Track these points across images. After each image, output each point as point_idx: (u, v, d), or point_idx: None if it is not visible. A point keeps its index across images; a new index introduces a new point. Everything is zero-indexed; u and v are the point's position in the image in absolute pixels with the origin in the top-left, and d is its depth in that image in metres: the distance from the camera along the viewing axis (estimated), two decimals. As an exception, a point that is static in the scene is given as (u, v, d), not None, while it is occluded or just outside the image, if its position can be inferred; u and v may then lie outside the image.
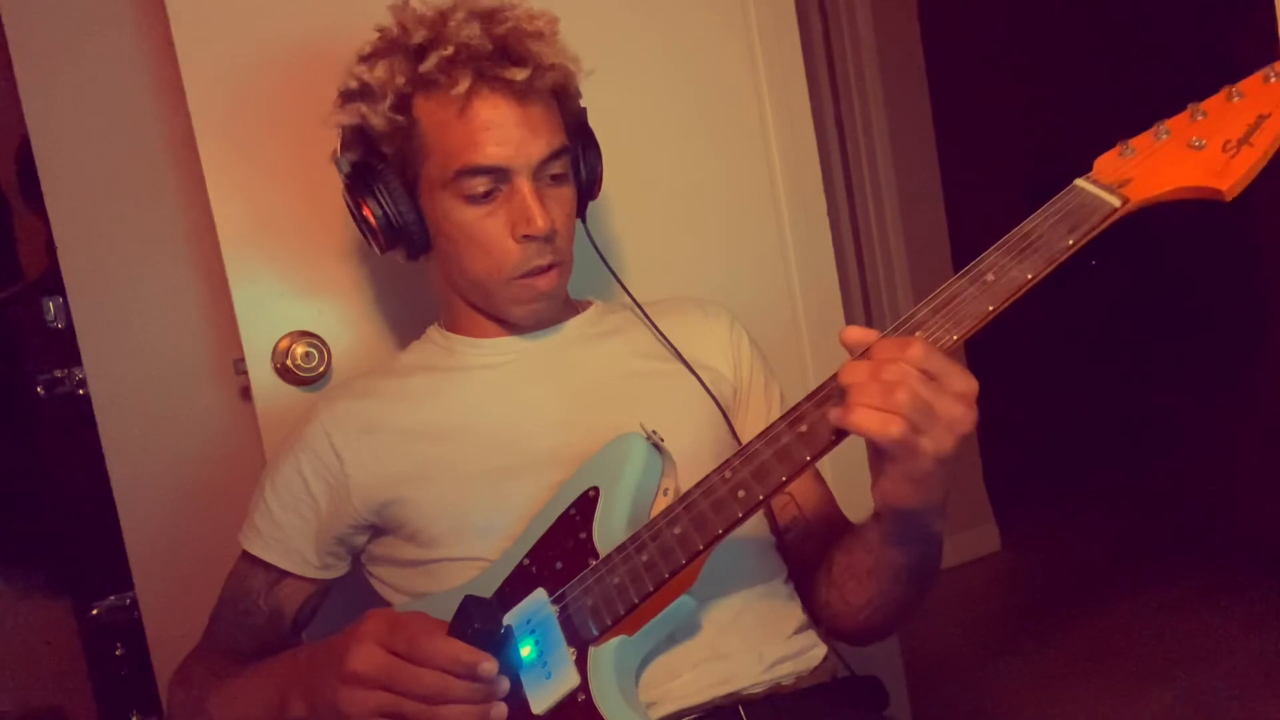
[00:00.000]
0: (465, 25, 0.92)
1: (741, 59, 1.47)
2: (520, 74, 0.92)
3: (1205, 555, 2.62)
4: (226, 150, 1.20)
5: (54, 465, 1.62)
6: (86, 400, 1.32)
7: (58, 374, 1.41)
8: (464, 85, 0.91)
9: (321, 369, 1.23)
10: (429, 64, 0.92)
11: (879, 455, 0.74)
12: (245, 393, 1.27)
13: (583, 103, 1.06)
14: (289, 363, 1.22)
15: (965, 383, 0.72)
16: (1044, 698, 2.09)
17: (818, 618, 0.98)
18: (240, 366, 1.24)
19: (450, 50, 0.91)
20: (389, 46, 0.96)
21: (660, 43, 1.42)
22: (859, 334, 0.76)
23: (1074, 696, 2.08)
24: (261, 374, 1.22)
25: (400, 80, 0.93)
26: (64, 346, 1.35)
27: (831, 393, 0.76)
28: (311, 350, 1.23)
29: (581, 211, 1.07)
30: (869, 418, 0.71)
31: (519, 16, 0.95)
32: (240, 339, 1.22)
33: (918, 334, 0.75)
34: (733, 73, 1.46)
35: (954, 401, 0.71)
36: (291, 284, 1.25)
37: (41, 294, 1.41)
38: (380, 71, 0.94)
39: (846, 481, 1.20)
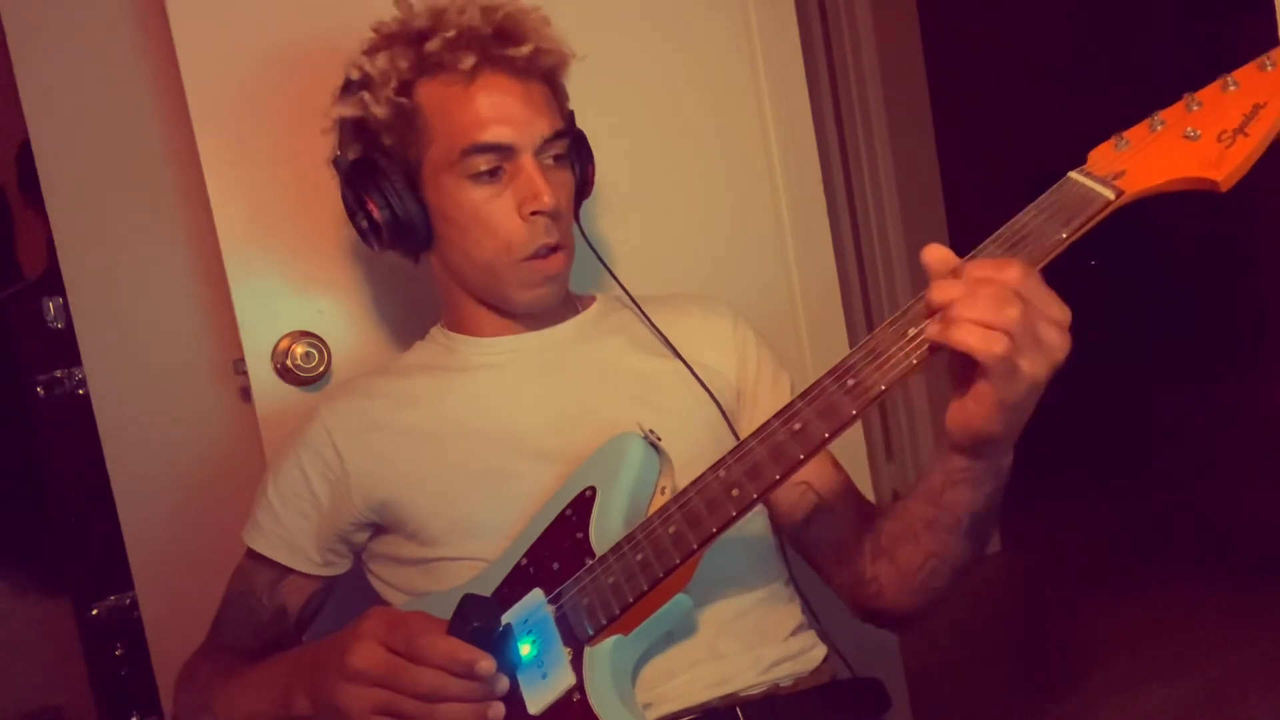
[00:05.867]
0: (465, 12, 0.95)
1: (741, 59, 1.47)
2: (522, 50, 0.95)
3: (1205, 556, 2.62)
4: (226, 150, 1.21)
5: (54, 465, 1.62)
6: (86, 400, 1.32)
7: (58, 374, 1.41)
8: (468, 62, 0.93)
9: (321, 369, 1.23)
10: (433, 44, 0.94)
11: (967, 378, 0.71)
12: (245, 393, 1.27)
13: (584, 101, 1.08)
14: (289, 363, 1.22)
15: (1061, 310, 0.69)
16: (1044, 698, 2.09)
17: (862, 602, 0.94)
18: (240, 366, 1.24)
19: (453, 33, 0.94)
20: (389, 39, 0.98)
21: (661, 43, 1.42)
22: (942, 252, 0.73)
23: (1074, 696, 2.08)
24: (261, 374, 1.22)
25: (403, 65, 0.95)
26: (64, 346, 1.35)
27: (825, 388, 0.74)
28: (311, 350, 1.23)
29: (576, 210, 1.07)
30: (973, 333, 0.67)
31: (514, 7, 0.98)
32: (240, 339, 1.22)
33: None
34: (733, 73, 1.46)
35: (1050, 326, 0.68)
36: (291, 284, 1.25)
37: (41, 294, 1.41)
38: (382, 61, 0.96)
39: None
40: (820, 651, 0.96)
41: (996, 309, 0.66)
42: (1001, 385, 0.69)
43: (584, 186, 1.08)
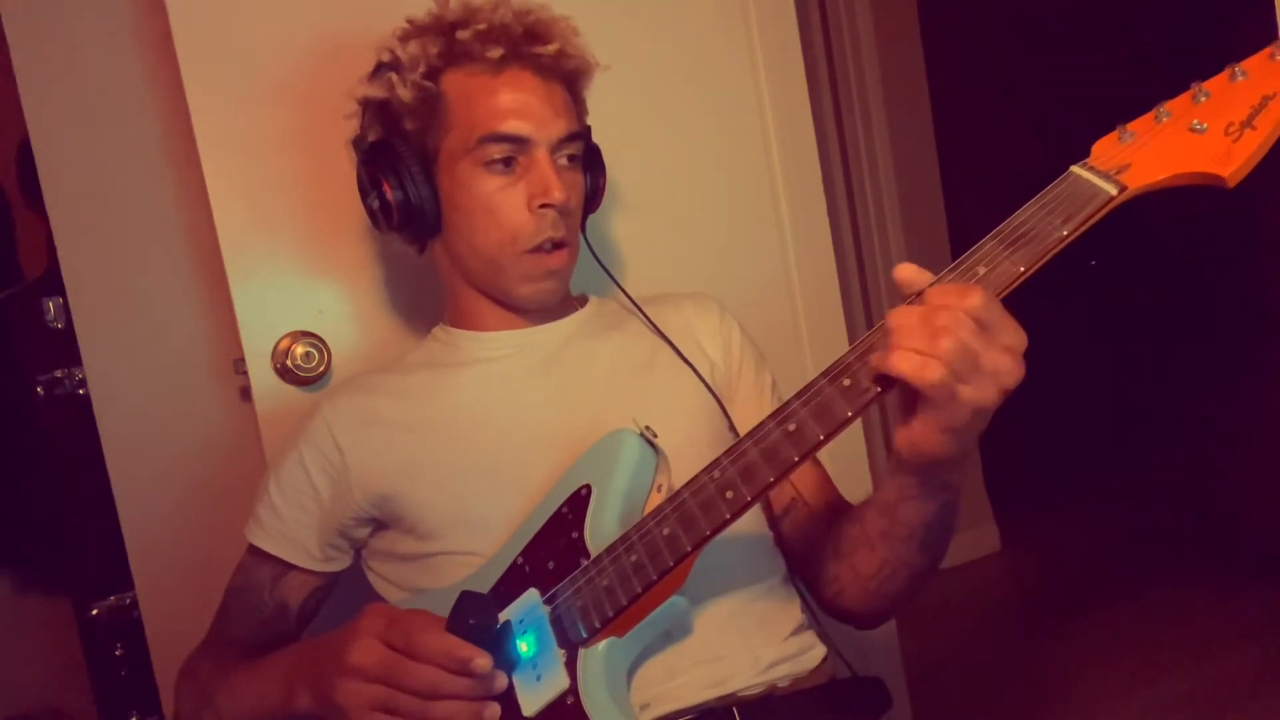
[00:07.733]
0: (498, 10, 0.99)
1: (741, 59, 1.47)
2: (548, 50, 0.98)
3: (1205, 556, 2.62)
4: (226, 150, 1.20)
5: (54, 466, 1.62)
6: (86, 400, 1.32)
7: (58, 374, 1.41)
8: (495, 53, 0.96)
9: (321, 369, 1.23)
10: (464, 34, 0.97)
11: (912, 401, 0.72)
12: (245, 393, 1.27)
13: (586, 100, 1.08)
14: (289, 363, 1.22)
15: (1016, 336, 0.70)
16: (1044, 697, 2.09)
17: (826, 600, 0.97)
18: (240, 366, 1.24)
19: (484, 26, 0.97)
20: (422, 28, 1.01)
21: (661, 43, 1.42)
22: (913, 273, 0.73)
23: (1073, 696, 2.08)
24: (261, 374, 1.22)
25: (433, 51, 0.98)
26: (64, 346, 1.35)
27: (820, 389, 0.74)
28: (311, 350, 1.23)
29: (581, 222, 1.08)
30: (908, 361, 0.68)
31: (546, 13, 1.02)
32: (240, 339, 1.22)
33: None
34: (733, 73, 1.46)
35: (1002, 353, 0.69)
36: (292, 284, 1.25)
37: (41, 294, 1.41)
38: (413, 47, 0.99)
39: (847, 476, 1.20)
40: (819, 652, 0.95)
41: (933, 338, 0.68)
42: (942, 411, 0.70)
43: (594, 196, 1.09)
